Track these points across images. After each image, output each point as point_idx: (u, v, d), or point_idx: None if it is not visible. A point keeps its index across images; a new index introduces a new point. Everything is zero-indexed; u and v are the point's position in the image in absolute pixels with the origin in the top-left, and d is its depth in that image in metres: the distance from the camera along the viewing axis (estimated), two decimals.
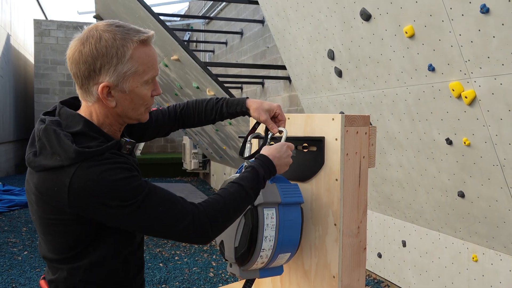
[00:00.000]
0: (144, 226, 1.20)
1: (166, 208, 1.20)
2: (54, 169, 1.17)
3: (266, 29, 7.14)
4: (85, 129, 1.23)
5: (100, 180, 1.15)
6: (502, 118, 2.47)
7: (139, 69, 1.24)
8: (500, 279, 3.07)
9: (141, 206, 1.18)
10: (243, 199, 1.30)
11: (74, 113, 1.26)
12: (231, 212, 1.28)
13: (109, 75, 1.21)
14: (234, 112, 1.59)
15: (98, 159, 1.17)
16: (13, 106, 12.64)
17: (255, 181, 1.32)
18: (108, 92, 1.23)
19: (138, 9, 4.98)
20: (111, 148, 1.22)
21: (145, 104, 1.30)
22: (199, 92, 5.99)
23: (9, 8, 12.57)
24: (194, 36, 12.40)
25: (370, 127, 1.54)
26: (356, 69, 3.39)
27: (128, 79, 1.23)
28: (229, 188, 1.30)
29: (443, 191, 3.23)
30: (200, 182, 11.18)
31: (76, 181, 1.15)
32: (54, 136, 1.18)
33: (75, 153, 1.15)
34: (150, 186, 1.22)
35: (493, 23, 2.25)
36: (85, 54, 1.20)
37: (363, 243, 1.54)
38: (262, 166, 1.36)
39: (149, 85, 1.28)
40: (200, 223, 1.22)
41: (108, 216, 1.18)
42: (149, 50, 1.27)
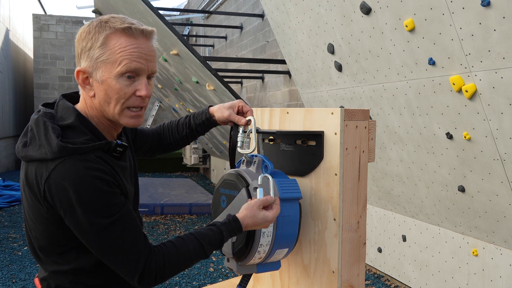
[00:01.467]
0: (96, 249, 1.17)
1: (125, 245, 1.16)
2: (38, 161, 1.16)
3: (266, 23, 7.11)
4: (76, 123, 1.20)
5: (76, 184, 1.11)
6: (503, 112, 2.46)
7: (110, 58, 1.17)
8: (500, 274, 3.06)
9: (103, 231, 1.14)
10: (198, 257, 1.25)
11: (70, 105, 1.24)
12: (181, 268, 1.24)
13: (85, 60, 1.19)
14: (201, 122, 1.56)
15: (81, 159, 1.14)
16: (12, 102, 12.62)
17: (216, 245, 1.27)
18: (86, 79, 1.21)
19: (137, 3, 4.96)
20: (98, 147, 1.18)
21: (120, 101, 1.20)
22: (198, 86, 5.97)
23: (8, 3, 12.52)
24: (194, 31, 12.36)
25: (370, 121, 1.53)
26: (356, 63, 3.37)
27: (100, 67, 1.18)
28: (188, 243, 1.23)
29: (443, 186, 3.22)
30: (200, 177, 11.18)
31: (53, 177, 1.13)
32: (43, 128, 1.17)
33: (57, 147, 1.13)
34: (124, 211, 1.17)
35: (494, 16, 2.23)
36: (77, 37, 1.22)
37: (362, 238, 1.53)
38: (229, 231, 1.28)
39: (128, 80, 1.19)
40: (147, 273, 1.18)
41: (70, 220, 1.15)
42: (133, 42, 1.18)
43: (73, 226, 1.16)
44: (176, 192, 7.74)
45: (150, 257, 1.19)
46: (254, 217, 1.31)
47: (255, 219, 1.31)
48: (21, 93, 13.63)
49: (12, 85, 12.66)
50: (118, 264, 1.18)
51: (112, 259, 1.17)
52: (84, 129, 1.20)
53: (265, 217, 1.32)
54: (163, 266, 1.20)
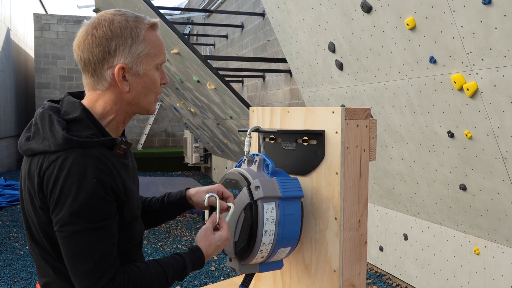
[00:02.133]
0: (65, 249, 1.14)
1: (94, 257, 1.12)
2: (41, 154, 1.15)
3: (266, 22, 7.11)
4: (82, 116, 1.19)
5: (71, 177, 1.10)
6: (504, 111, 2.45)
7: (152, 51, 1.23)
8: (502, 272, 3.06)
9: (78, 234, 1.11)
10: (159, 283, 1.22)
11: (76, 100, 1.23)
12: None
13: (124, 56, 1.20)
14: (174, 200, 1.50)
15: (84, 154, 1.13)
16: (14, 101, 12.63)
17: (179, 274, 1.26)
18: (123, 75, 1.21)
19: (137, 2, 4.96)
20: (103, 143, 1.18)
21: (155, 91, 1.28)
22: (199, 86, 5.98)
23: (9, 2, 12.53)
24: (195, 30, 12.36)
25: (371, 120, 1.53)
26: (357, 61, 3.37)
27: (142, 61, 1.22)
28: (151, 268, 1.22)
29: (444, 184, 3.21)
30: (201, 176, 11.18)
31: (52, 168, 1.12)
32: (48, 120, 1.17)
33: (62, 139, 1.12)
34: (108, 222, 1.14)
35: (495, 14, 2.23)
36: (99, 37, 1.18)
37: (364, 237, 1.53)
38: (192, 260, 1.28)
39: (159, 71, 1.28)
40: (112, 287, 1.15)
41: (54, 214, 1.13)
42: (158, 35, 1.28)
43: (55, 218, 1.13)
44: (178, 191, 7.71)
45: (115, 276, 1.15)
46: (211, 243, 1.31)
47: (213, 244, 1.32)
48: (22, 93, 13.64)
49: (14, 85, 12.67)
50: (79, 275, 1.13)
51: (76, 267, 1.13)
52: (90, 123, 1.19)
53: (220, 237, 1.32)
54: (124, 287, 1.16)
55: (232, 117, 6.11)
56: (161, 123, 13.71)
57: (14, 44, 12.95)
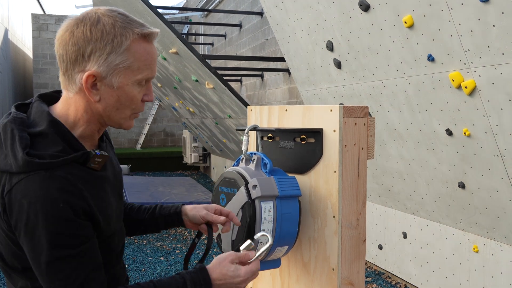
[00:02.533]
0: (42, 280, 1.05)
1: (78, 282, 1.04)
2: (3, 172, 1.06)
3: (265, 21, 7.10)
4: (48, 130, 1.08)
5: (36, 203, 1.00)
6: (503, 108, 2.45)
7: (134, 65, 1.09)
8: (501, 270, 3.06)
9: (55, 262, 1.02)
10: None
11: (44, 109, 1.12)
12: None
13: (99, 64, 1.07)
14: (167, 213, 1.43)
15: (47, 177, 1.02)
16: (12, 102, 12.62)
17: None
18: (94, 84, 1.09)
19: (135, 2, 4.95)
20: (73, 160, 1.07)
21: (132, 108, 1.14)
22: (198, 85, 5.97)
23: (7, 3, 12.52)
24: (193, 29, 12.35)
25: (369, 118, 1.52)
26: (355, 60, 3.37)
27: (119, 73, 1.09)
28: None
29: (443, 182, 3.21)
30: (200, 176, 11.18)
31: (14, 192, 1.02)
32: (10, 136, 1.06)
33: (22, 161, 1.02)
34: (82, 248, 1.05)
35: (493, 12, 2.23)
36: (77, 36, 1.07)
37: (362, 235, 1.53)
38: (194, 282, 1.13)
39: (142, 87, 1.14)
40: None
41: (24, 241, 1.04)
42: (150, 48, 1.13)
43: (25, 248, 1.04)
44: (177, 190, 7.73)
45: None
46: (223, 270, 1.16)
47: (223, 271, 1.16)
48: (20, 93, 13.63)
49: (12, 85, 12.66)
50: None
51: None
52: (57, 137, 1.08)
53: (235, 270, 1.17)
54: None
55: (231, 116, 6.11)
56: (159, 122, 13.70)
57: (12, 44, 12.93)
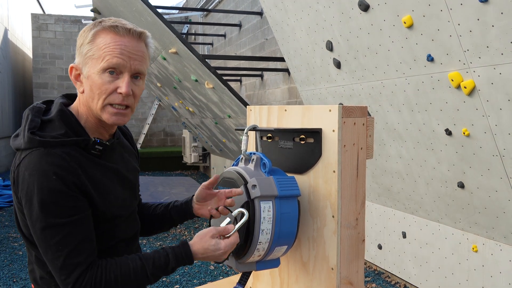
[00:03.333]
0: (38, 245, 1.19)
1: (64, 252, 1.15)
2: (17, 151, 1.24)
3: (264, 21, 7.10)
4: (56, 117, 1.24)
5: (34, 176, 1.14)
6: (502, 108, 2.46)
7: (96, 53, 1.20)
8: (500, 269, 3.06)
9: (47, 229, 1.15)
10: (138, 278, 1.21)
11: (59, 101, 1.29)
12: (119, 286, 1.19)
13: (78, 57, 1.25)
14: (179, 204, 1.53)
15: (45, 153, 1.16)
16: (12, 101, 12.62)
17: (161, 270, 1.23)
18: (78, 75, 1.26)
19: (135, 1, 4.95)
20: (71, 143, 1.20)
21: (102, 97, 1.21)
22: (197, 85, 5.97)
23: (6, 2, 12.51)
24: (193, 29, 12.35)
25: (368, 118, 1.53)
26: (355, 60, 3.37)
27: (87, 63, 1.22)
28: (130, 261, 1.21)
29: (442, 182, 3.22)
30: (200, 176, 11.18)
31: (21, 166, 1.18)
32: (25, 120, 1.24)
33: (27, 138, 1.19)
34: (73, 219, 1.16)
35: (492, 12, 2.23)
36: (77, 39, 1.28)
37: (361, 235, 1.53)
38: (177, 258, 1.24)
39: (110, 76, 1.20)
40: (83, 282, 1.16)
41: (26, 211, 1.18)
42: (119, 39, 1.20)
43: (26, 216, 1.18)
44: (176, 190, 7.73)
45: (86, 271, 1.17)
46: (204, 244, 1.26)
47: (205, 246, 1.26)
48: (20, 93, 13.62)
49: (12, 85, 12.66)
50: (53, 269, 1.18)
51: (49, 262, 1.18)
52: (62, 123, 1.23)
53: (216, 244, 1.26)
54: (98, 283, 1.17)
55: (231, 116, 6.11)
56: (159, 122, 13.70)
57: (12, 44, 12.93)
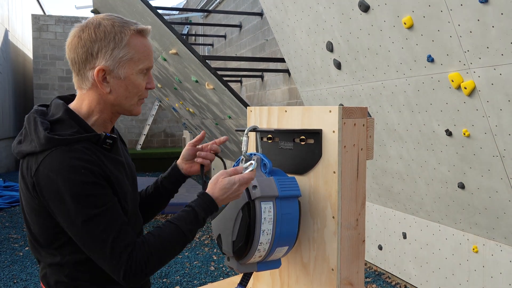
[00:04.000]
0: (81, 241, 1.19)
1: (112, 235, 1.18)
2: (29, 155, 1.22)
3: (265, 21, 7.11)
4: (64, 117, 1.26)
5: (63, 173, 1.16)
6: (502, 109, 2.46)
7: (135, 56, 1.27)
8: (501, 270, 3.06)
9: (89, 222, 1.17)
10: (178, 240, 1.26)
11: (60, 102, 1.31)
12: (166, 255, 1.25)
13: (106, 59, 1.25)
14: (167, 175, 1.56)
15: (67, 150, 1.18)
16: (12, 102, 12.62)
17: (193, 223, 1.29)
18: (104, 77, 1.26)
19: (135, 2, 4.96)
20: (86, 139, 1.23)
21: (139, 95, 1.32)
22: (198, 86, 5.98)
23: (7, 3, 12.52)
24: (193, 30, 12.36)
25: (368, 119, 1.53)
26: (355, 61, 3.37)
27: (123, 65, 1.26)
28: (165, 229, 1.26)
29: (443, 183, 3.22)
30: (200, 177, 11.18)
31: (41, 169, 1.17)
32: (33, 123, 1.24)
33: (44, 139, 1.18)
34: (110, 205, 1.20)
35: (492, 12, 2.23)
36: (84, 39, 1.25)
37: (361, 236, 1.53)
38: (202, 207, 1.30)
39: (144, 76, 1.31)
40: (130, 268, 1.18)
41: (58, 211, 1.18)
42: (146, 41, 1.31)
43: (60, 217, 1.18)
44: None
45: (133, 251, 1.20)
46: (218, 185, 1.33)
47: (222, 187, 1.32)
48: (20, 94, 13.63)
49: (12, 86, 12.66)
50: (102, 259, 1.19)
51: (97, 253, 1.19)
52: (72, 122, 1.26)
53: (230, 181, 1.32)
54: (147, 258, 1.21)
55: (231, 117, 6.12)
56: (160, 123, 13.71)
57: (12, 45, 12.94)
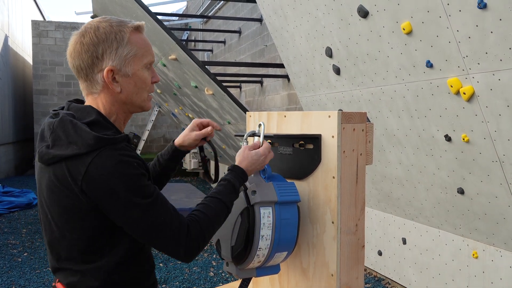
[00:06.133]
0: (142, 231, 1.22)
1: (168, 219, 1.22)
2: (70, 158, 1.19)
3: (264, 27, 7.13)
4: (99, 118, 1.27)
5: (116, 170, 1.17)
6: (501, 114, 2.46)
7: (138, 52, 1.30)
8: (501, 276, 3.06)
9: (148, 211, 1.20)
10: (224, 213, 1.33)
11: (85, 105, 1.31)
12: (215, 228, 1.31)
13: (112, 59, 1.27)
14: (168, 156, 1.61)
15: (115, 148, 1.20)
16: (12, 108, 12.63)
17: (233, 195, 1.36)
18: (113, 77, 1.28)
19: (135, 8, 4.97)
20: (122, 139, 1.25)
21: (147, 89, 1.35)
22: (197, 91, 5.98)
23: (7, 9, 12.55)
24: (193, 36, 12.39)
25: (367, 124, 1.53)
26: (354, 66, 3.38)
27: (129, 62, 1.28)
28: (210, 204, 1.32)
29: (442, 188, 3.22)
30: (200, 182, 11.17)
31: (93, 169, 1.17)
32: (71, 125, 1.22)
33: (94, 139, 1.18)
34: (157, 191, 1.24)
35: (490, 18, 2.24)
36: (87, 43, 1.26)
37: (361, 241, 1.53)
38: (236, 178, 1.38)
39: (149, 70, 1.34)
40: (190, 244, 1.24)
41: (114, 209, 1.19)
42: (144, 37, 1.34)
43: (117, 213, 1.20)
44: (176, 196, 7.71)
45: (188, 228, 1.24)
46: (247, 158, 1.43)
47: (249, 158, 1.43)
48: (20, 99, 13.63)
49: (12, 91, 12.67)
50: (164, 242, 1.22)
51: (158, 238, 1.22)
52: (107, 123, 1.28)
53: (256, 153, 1.44)
54: (201, 233, 1.25)
55: (230, 123, 6.12)
56: (159, 128, 13.71)
57: (12, 50, 12.96)
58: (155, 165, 1.63)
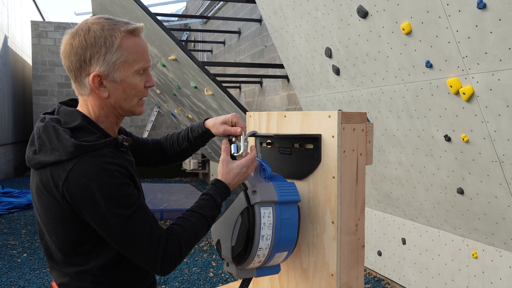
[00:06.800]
0: (119, 241, 1.20)
1: (145, 234, 1.20)
2: (53, 165, 1.19)
3: (263, 28, 7.13)
4: (84, 123, 1.25)
5: (96, 178, 1.15)
6: (501, 114, 2.46)
7: (129, 58, 1.26)
8: (500, 276, 3.06)
9: (125, 222, 1.18)
10: (203, 227, 1.31)
11: (72, 109, 1.29)
12: (194, 243, 1.29)
13: (99, 65, 1.23)
14: (198, 135, 1.62)
15: (97, 155, 1.18)
16: (11, 108, 12.62)
17: (214, 210, 1.34)
18: (100, 82, 1.25)
19: (135, 9, 4.97)
20: (109, 144, 1.23)
21: (138, 95, 1.31)
22: (197, 92, 5.98)
23: (6, 10, 12.55)
24: (192, 36, 12.39)
25: (367, 124, 1.53)
26: (354, 66, 3.38)
27: (118, 69, 1.25)
28: (190, 218, 1.30)
29: (442, 188, 3.22)
30: (199, 182, 11.17)
31: (72, 177, 1.16)
32: (53, 131, 1.21)
33: (73, 146, 1.17)
34: (140, 202, 1.22)
35: (490, 18, 2.24)
36: (75, 46, 1.23)
37: (361, 241, 1.53)
38: (218, 193, 1.36)
39: (141, 76, 1.30)
40: (167, 258, 1.22)
41: (93, 216, 1.18)
42: (139, 41, 1.28)
43: (95, 221, 1.18)
44: (176, 197, 7.72)
45: (167, 242, 1.23)
46: (230, 171, 1.38)
47: (232, 172, 1.38)
48: (20, 100, 13.63)
49: (11, 92, 12.67)
50: (140, 255, 1.21)
51: (135, 250, 1.21)
52: (92, 128, 1.25)
53: (238, 165, 1.39)
54: (179, 248, 1.24)
55: None
56: (159, 129, 13.71)
57: (12, 51, 12.96)
58: (183, 138, 1.64)
